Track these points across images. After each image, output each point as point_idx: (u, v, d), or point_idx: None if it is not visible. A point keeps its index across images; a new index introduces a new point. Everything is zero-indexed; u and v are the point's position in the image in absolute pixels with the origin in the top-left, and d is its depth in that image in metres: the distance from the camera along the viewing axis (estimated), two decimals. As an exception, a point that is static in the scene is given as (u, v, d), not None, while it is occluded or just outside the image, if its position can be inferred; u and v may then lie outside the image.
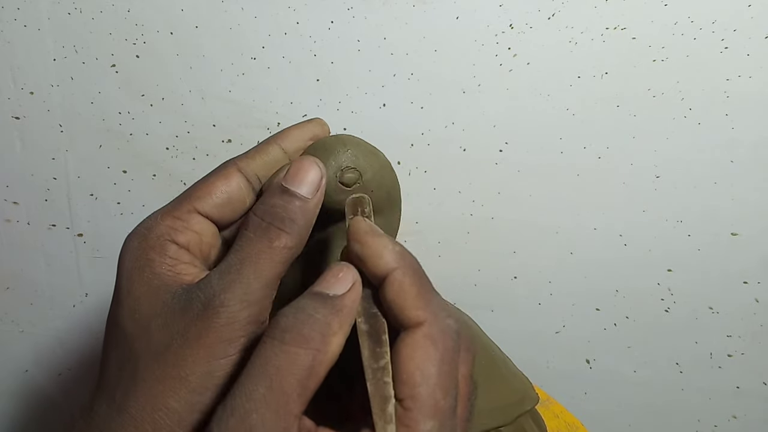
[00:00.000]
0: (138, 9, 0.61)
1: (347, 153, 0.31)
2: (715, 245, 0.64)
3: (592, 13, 0.58)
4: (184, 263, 0.27)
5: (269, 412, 0.20)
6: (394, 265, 0.25)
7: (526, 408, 0.42)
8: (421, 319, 0.23)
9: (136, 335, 0.25)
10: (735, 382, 0.69)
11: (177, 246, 0.27)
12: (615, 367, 0.72)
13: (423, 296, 0.24)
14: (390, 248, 0.25)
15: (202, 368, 0.24)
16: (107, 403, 0.25)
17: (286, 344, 0.22)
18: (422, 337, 0.23)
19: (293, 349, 0.21)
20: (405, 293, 0.24)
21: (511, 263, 0.69)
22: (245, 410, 0.20)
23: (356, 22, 0.60)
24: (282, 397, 0.21)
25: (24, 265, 0.71)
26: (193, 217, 0.28)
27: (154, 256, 0.27)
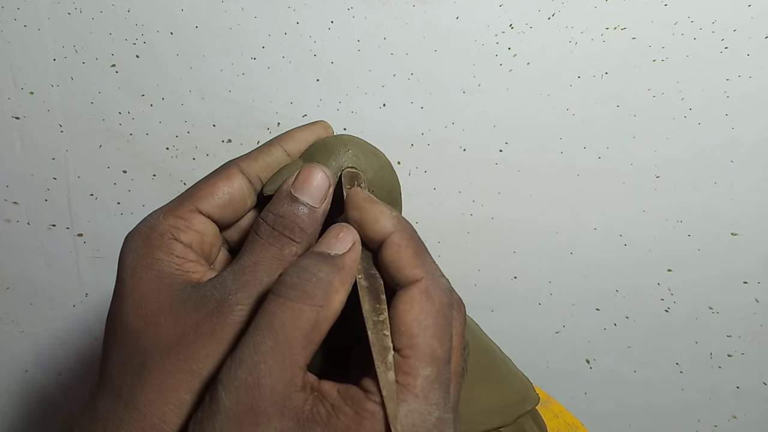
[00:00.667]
0: (138, 9, 0.61)
1: (348, 153, 0.31)
2: (715, 245, 0.64)
3: (592, 13, 0.58)
4: (191, 261, 0.27)
5: (276, 363, 0.21)
6: (391, 228, 0.26)
7: (527, 408, 0.42)
8: (418, 277, 0.25)
9: (143, 331, 0.26)
10: (735, 382, 0.69)
11: (182, 245, 0.27)
12: (615, 367, 0.72)
13: (419, 256, 0.26)
14: (387, 213, 0.27)
15: (215, 361, 0.25)
16: (111, 399, 0.25)
17: (291, 301, 0.22)
18: (419, 292, 0.24)
19: (298, 305, 0.22)
20: (402, 253, 0.25)
21: (511, 263, 0.69)
22: (253, 361, 0.21)
23: (356, 22, 0.60)
24: (288, 349, 0.22)
25: (24, 265, 0.71)
26: (195, 216, 0.28)
27: (161, 256, 0.27)
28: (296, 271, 0.23)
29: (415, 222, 0.67)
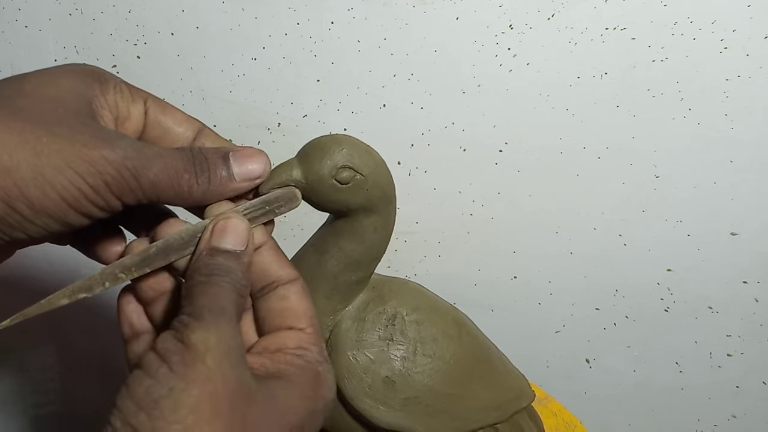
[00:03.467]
0: (139, 10, 0.61)
1: (342, 152, 0.32)
2: (714, 245, 0.64)
3: (592, 14, 0.58)
4: (107, 112, 0.29)
5: None
6: (265, 239, 0.31)
7: (522, 405, 0.43)
8: (297, 275, 0.30)
9: (28, 92, 0.26)
10: (735, 382, 0.69)
11: (113, 100, 0.29)
12: (615, 367, 0.72)
13: (289, 261, 0.31)
14: (261, 229, 0.31)
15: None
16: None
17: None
18: (302, 287, 0.30)
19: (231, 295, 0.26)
20: (281, 256, 0.31)
21: (511, 263, 0.69)
22: None
23: (356, 23, 0.60)
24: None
25: (24, 265, 0.71)
26: (139, 102, 0.30)
27: (96, 90, 0.28)
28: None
29: (415, 222, 0.68)
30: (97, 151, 0.25)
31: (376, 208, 0.34)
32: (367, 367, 0.37)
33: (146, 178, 0.26)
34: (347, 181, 0.32)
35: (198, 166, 0.28)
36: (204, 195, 0.29)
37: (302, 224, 0.69)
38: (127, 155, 0.25)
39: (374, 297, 0.39)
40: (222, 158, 0.29)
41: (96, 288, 0.28)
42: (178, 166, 0.27)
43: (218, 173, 0.29)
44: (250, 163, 0.30)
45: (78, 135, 0.25)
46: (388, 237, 0.37)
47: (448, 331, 0.40)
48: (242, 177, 0.29)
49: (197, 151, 0.28)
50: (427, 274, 0.71)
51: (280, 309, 0.29)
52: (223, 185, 0.29)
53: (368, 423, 0.37)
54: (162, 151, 0.27)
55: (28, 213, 0.25)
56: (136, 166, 0.26)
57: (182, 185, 0.27)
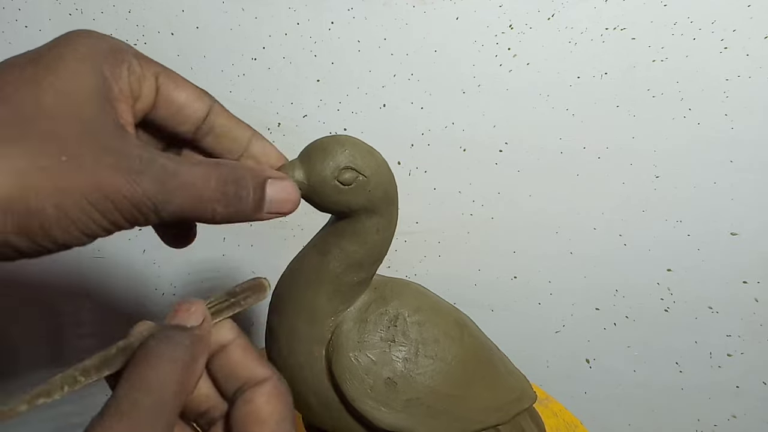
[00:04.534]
0: (139, 10, 0.61)
1: (345, 153, 0.32)
2: (714, 245, 0.64)
3: (592, 14, 0.58)
4: (125, 104, 0.27)
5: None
6: (233, 336, 0.28)
7: (524, 406, 0.43)
8: (269, 375, 0.27)
9: (41, 93, 0.25)
10: (735, 382, 0.70)
11: (129, 81, 0.27)
12: (615, 367, 0.72)
13: (262, 358, 0.28)
14: (228, 325, 0.28)
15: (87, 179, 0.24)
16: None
17: (164, 362, 0.24)
18: (273, 386, 0.27)
19: (168, 366, 0.24)
20: (249, 355, 0.28)
21: (511, 263, 0.69)
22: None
23: (356, 23, 0.60)
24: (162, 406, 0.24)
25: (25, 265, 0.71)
26: (150, 80, 0.28)
27: (108, 70, 0.26)
28: (159, 340, 0.25)
29: (415, 222, 0.68)
30: (120, 190, 0.24)
31: (378, 208, 0.34)
32: (368, 369, 0.37)
33: (166, 210, 0.26)
34: (349, 182, 0.32)
35: (232, 195, 0.27)
36: (227, 220, 0.28)
37: (303, 225, 0.68)
38: (147, 193, 0.25)
39: (376, 298, 0.39)
40: (260, 186, 0.28)
41: (55, 393, 0.27)
42: (205, 197, 0.26)
43: (249, 201, 0.28)
44: (284, 197, 0.29)
45: (101, 168, 0.24)
46: (390, 238, 0.37)
47: (449, 332, 0.39)
48: (272, 210, 0.29)
49: (234, 179, 0.27)
50: (427, 274, 0.71)
51: (244, 414, 0.26)
52: (250, 214, 0.28)
53: (370, 424, 0.37)
54: (189, 177, 0.26)
55: (51, 246, 0.25)
56: (156, 203, 0.25)
57: (206, 213, 0.27)
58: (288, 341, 0.38)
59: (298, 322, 0.37)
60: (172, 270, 0.72)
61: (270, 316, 0.39)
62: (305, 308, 0.37)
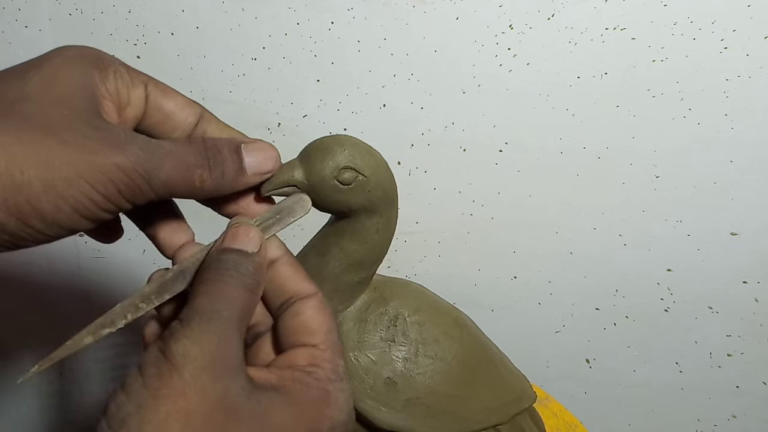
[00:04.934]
0: (139, 10, 0.61)
1: (344, 152, 0.32)
2: (714, 245, 0.64)
3: (592, 14, 0.58)
4: (111, 103, 0.28)
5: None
6: (281, 252, 0.30)
7: (524, 406, 0.43)
8: (314, 291, 0.29)
9: (28, 96, 0.25)
10: (735, 382, 0.70)
11: (115, 86, 0.28)
12: (615, 367, 0.72)
13: (306, 275, 0.30)
14: (276, 243, 0.30)
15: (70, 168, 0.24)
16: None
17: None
18: (320, 301, 0.28)
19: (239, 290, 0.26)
20: (297, 272, 0.30)
21: (511, 263, 0.69)
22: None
23: (356, 23, 0.60)
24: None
25: (25, 265, 0.71)
26: (139, 87, 0.29)
27: (95, 74, 0.27)
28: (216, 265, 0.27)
29: (415, 222, 0.68)
30: (109, 158, 0.24)
31: (377, 208, 0.34)
32: (368, 368, 0.37)
33: (158, 179, 0.26)
34: (349, 182, 0.32)
35: (212, 160, 0.27)
36: (216, 188, 0.28)
37: (303, 225, 0.68)
38: (138, 160, 0.25)
39: (376, 298, 0.39)
40: (235, 151, 0.28)
41: (119, 322, 0.28)
42: (189, 162, 0.27)
43: (231, 166, 0.28)
44: (261, 156, 0.29)
45: (87, 141, 0.24)
46: (389, 238, 0.37)
47: (449, 332, 0.40)
48: (253, 171, 0.29)
49: (210, 144, 0.28)
50: (427, 274, 0.71)
51: (294, 325, 0.28)
52: (235, 179, 0.28)
53: (370, 424, 0.37)
54: (172, 147, 0.26)
55: (41, 226, 0.24)
56: (148, 170, 0.25)
57: (194, 180, 0.27)
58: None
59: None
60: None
61: (270, 316, 0.39)
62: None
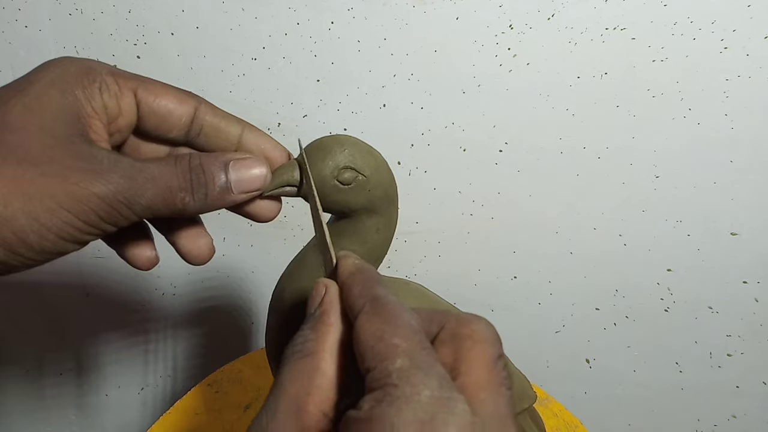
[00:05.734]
0: (139, 10, 0.61)
1: (344, 152, 0.32)
2: (714, 245, 0.64)
3: (592, 14, 0.58)
4: (98, 122, 0.28)
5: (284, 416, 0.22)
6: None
7: (524, 406, 0.43)
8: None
9: (10, 124, 0.25)
10: (735, 382, 0.70)
11: (103, 103, 0.28)
12: (615, 367, 0.72)
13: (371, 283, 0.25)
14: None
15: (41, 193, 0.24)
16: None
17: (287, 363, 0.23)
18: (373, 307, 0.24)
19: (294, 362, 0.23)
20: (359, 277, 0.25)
21: (511, 263, 0.69)
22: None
23: (356, 23, 0.60)
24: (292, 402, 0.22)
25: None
26: (129, 96, 0.29)
27: (80, 94, 0.27)
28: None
29: (415, 222, 0.68)
30: (88, 189, 0.25)
31: (378, 208, 0.34)
32: (368, 368, 0.37)
33: (139, 205, 0.26)
34: (349, 182, 0.32)
35: (195, 182, 0.27)
36: (200, 208, 0.28)
37: (303, 224, 0.69)
38: (119, 188, 0.25)
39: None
40: (222, 169, 0.28)
41: None
42: (172, 186, 0.27)
43: (216, 186, 0.28)
44: (248, 175, 0.29)
45: (68, 172, 0.25)
46: (390, 237, 0.37)
47: (449, 332, 0.39)
48: (240, 189, 0.29)
49: (195, 165, 0.27)
50: (427, 274, 0.71)
51: None
52: (221, 198, 0.28)
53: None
54: (155, 172, 0.26)
55: (30, 254, 0.25)
56: (128, 198, 0.25)
57: (177, 203, 0.27)
58: (289, 341, 0.37)
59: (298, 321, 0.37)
60: (172, 270, 0.72)
61: (270, 315, 0.39)
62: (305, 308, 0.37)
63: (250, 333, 0.76)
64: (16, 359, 0.75)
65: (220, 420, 0.55)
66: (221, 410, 0.56)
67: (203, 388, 0.59)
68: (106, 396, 0.78)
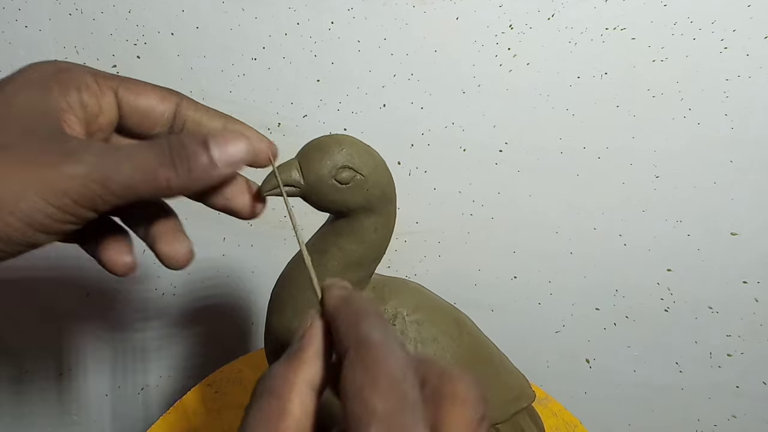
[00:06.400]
0: (139, 10, 0.61)
1: (342, 152, 0.32)
2: (714, 245, 0.64)
3: (592, 14, 0.58)
4: (75, 117, 0.28)
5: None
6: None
7: (523, 405, 0.43)
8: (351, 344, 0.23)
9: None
10: (735, 382, 0.70)
11: (80, 101, 0.28)
12: (615, 367, 0.72)
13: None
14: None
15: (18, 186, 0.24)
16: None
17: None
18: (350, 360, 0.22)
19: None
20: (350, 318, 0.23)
21: (511, 263, 0.69)
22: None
23: (356, 23, 0.60)
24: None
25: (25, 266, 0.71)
26: (108, 94, 0.29)
27: (57, 91, 0.27)
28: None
29: (415, 222, 0.68)
30: (58, 169, 0.24)
31: (376, 208, 0.34)
32: (367, 368, 0.37)
33: (117, 183, 0.25)
34: (347, 182, 0.32)
35: (176, 157, 0.26)
36: (185, 185, 0.27)
37: (302, 224, 0.68)
38: (91, 167, 0.24)
39: (374, 297, 0.39)
40: (201, 145, 0.27)
41: None
42: (150, 162, 0.26)
43: (199, 161, 0.27)
44: (230, 147, 0.27)
45: (39, 156, 0.24)
46: (388, 237, 0.37)
47: (448, 331, 0.40)
48: (225, 162, 0.27)
49: (174, 140, 0.26)
50: (427, 274, 0.71)
51: None
52: (206, 173, 0.27)
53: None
54: (131, 149, 0.26)
55: (2, 246, 0.24)
56: (103, 175, 0.24)
57: (159, 180, 0.26)
58: (288, 341, 0.38)
59: (297, 321, 0.37)
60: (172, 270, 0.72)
61: (269, 316, 0.39)
62: (304, 308, 0.37)
63: (250, 333, 0.76)
64: (16, 359, 0.75)
65: (220, 420, 0.55)
66: (221, 410, 0.56)
67: (203, 388, 0.59)
68: (106, 396, 0.78)
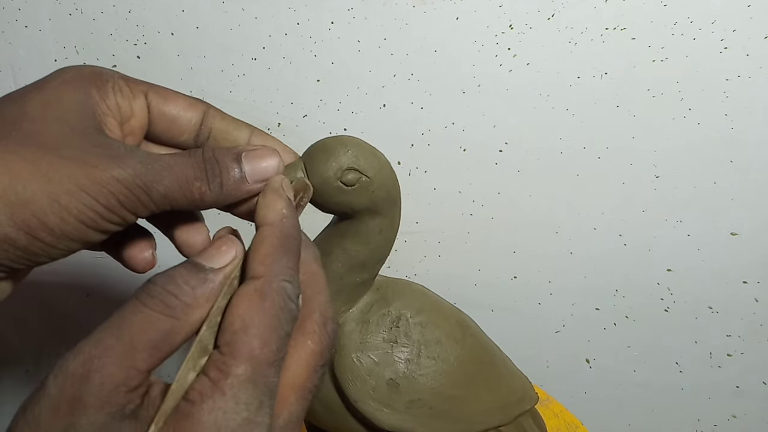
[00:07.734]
0: (139, 10, 0.61)
1: (348, 153, 0.32)
2: (714, 245, 0.64)
3: (592, 14, 0.58)
4: (112, 119, 0.28)
5: (111, 362, 0.21)
6: (267, 221, 0.26)
7: (526, 407, 0.43)
8: (258, 274, 0.24)
9: (28, 115, 0.26)
10: (735, 382, 0.70)
11: (116, 102, 0.29)
12: (615, 367, 0.72)
13: (272, 255, 0.25)
14: (277, 208, 0.27)
15: (68, 183, 0.25)
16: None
17: (147, 307, 0.22)
18: (253, 289, 0.23)
19: (153, 313, 0.22)
20: (257, 248, 0.25)
21: (511, 263, 0.69)
22: (90, 355, 0.21)
23: (356, 23, 0.60)
24: (129, 351, 0.22)
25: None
26: (140, 99, 0.30)
27: (94, 93, 0.28)
28: (162, 280, 0.24)
29: (415, 222, 0.68)
30: (108, 172, 0.25)
31: (381, 209, 0.34)
32: (371, 370, 0.37)
33: (157, 192, 0.26)
34: (352, 183, 0.32)
35: (210, 172, 0.27)
36: (217, 199, 0.28)
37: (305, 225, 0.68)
38: (137, 172, 0.25)
39: (378, 299, 0.39)
40: (234, 160, 0.28)
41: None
42: (188, 175, 0.27)
43: (231, 176, 0.28)
44: (262, 164, 0.29)
45: (87, 156, 0.25)
46: (392, 238, 0.37)
47: (451, 334, 0.39)
48: (255, 179, 0.28)
49: (209, 156, 0.28)
50: (427, 274, 0.71)
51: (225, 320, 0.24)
52: (237, 188, 0.28)
53: (372, 425, 0.37)
54: (171, 161, 0.27)
55: (51, 240, 0.25)
56: (146, 182, 0.25)
57: (194, 193, 0.27)
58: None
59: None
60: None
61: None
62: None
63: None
64: (16, 359, 0.75)
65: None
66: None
67: (203, 388, 0.58)
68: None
